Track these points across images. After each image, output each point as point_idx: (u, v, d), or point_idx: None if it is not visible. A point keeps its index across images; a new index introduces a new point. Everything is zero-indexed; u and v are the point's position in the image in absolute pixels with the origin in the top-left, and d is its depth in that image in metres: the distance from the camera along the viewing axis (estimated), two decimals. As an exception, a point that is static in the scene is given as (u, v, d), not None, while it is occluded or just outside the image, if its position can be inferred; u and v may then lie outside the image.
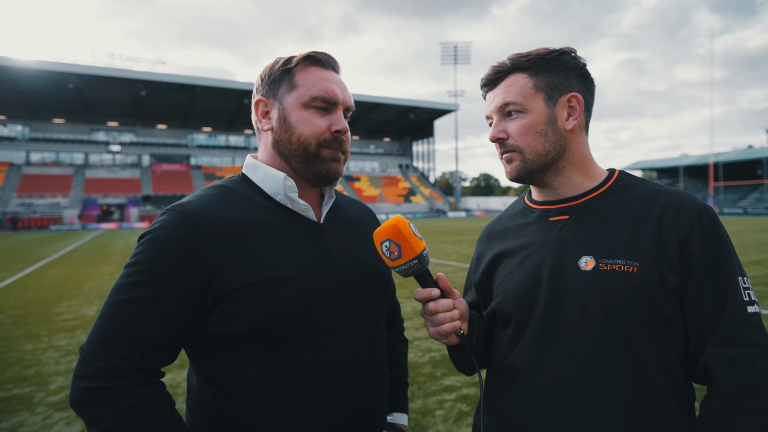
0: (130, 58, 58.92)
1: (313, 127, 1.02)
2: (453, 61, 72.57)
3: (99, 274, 11.42)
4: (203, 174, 60.64)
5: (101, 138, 60.35)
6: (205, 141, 67.08)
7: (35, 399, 3.85)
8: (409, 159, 78.14)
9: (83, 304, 7.70)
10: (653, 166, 72.82)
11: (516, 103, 1.02)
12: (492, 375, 1.11)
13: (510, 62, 1.04)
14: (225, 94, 55.80)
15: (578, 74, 1.04)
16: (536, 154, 1.02)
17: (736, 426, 0.82)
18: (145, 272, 0.89)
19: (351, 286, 1.04)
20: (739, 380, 0.84)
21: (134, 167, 58.04)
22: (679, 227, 0.92)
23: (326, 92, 1.02)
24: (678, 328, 0.92)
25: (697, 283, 0.90)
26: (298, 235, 1.01)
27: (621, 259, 0.92)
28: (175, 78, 51.05)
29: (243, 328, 0.92)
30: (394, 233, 0.94)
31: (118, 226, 43.63)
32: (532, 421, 0.96)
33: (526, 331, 1.01)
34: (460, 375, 4.18)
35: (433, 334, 0.99)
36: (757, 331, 0.87)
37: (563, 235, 1.01)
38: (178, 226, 0.91)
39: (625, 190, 1.02)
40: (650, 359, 0.90)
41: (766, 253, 12.71)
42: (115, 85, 49.66)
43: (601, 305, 0.92)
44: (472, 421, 1.17)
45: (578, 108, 1.03)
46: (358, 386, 1.02)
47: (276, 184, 1.03)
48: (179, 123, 64.81)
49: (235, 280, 0.91)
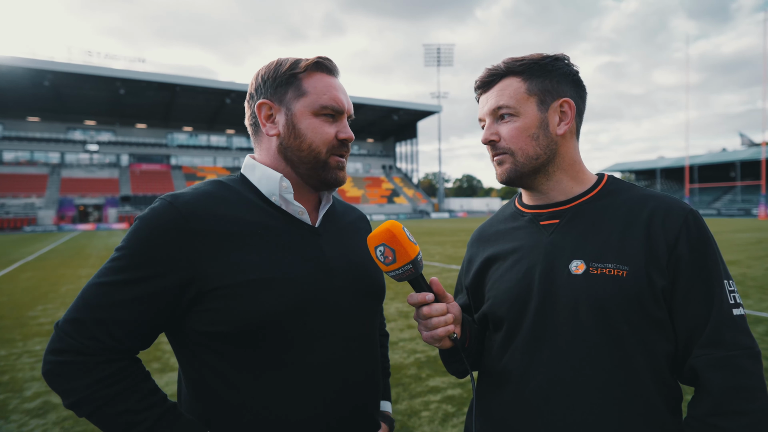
0: (108, 55, 57.74)
1: (323, 135, 1.03)
2: (436, 63, 72.98)
3: (76, 276, 11.13)
4: (184, 174, 59.80)
5: (78, 137, 59.08)
6: (186, 141, 66.18)
7: (10, 406, 3.73)
8: (392, 160, 78.30)
9: (59, 308, 7.50)
10: (631, 168, 74.35)
11: (509, 106, 1.03)
12: (484, 377, 1.12)
13: (504, 66, 1.05)
14: (206, 93, 55.15)
15: (571, 81, 1.05)
16: (527, 157, 1.03)
17: (724, 426, 0.84)
18: (126, 258, 0.89)
19: (345, 291, 1.03)
20: (725, 381, 0.86)
21: (113, 167, 56.97)
22: (667, 231, 0.94)
23: (336, 102, 1.04)
24: (666, 330, 0.94)
25: (684, 286, 0.92)
26: (291, 238, 1.00)
27: (611, 263, 0.94)
28: (154, 76, 50.26)
29: (228, 329, 0.91)
30: (388, 238, 0.93)
31: (96, 227, 42.73)
32: (524, 423, 0.97)
33: (518, 333, 1.02)
34: (445, 376, 4.19)
35: (426, 339, 0.99)
36: (742, 333, 0.90)
37: (554, 239, 1.03)
38: (166, 215, 0.91)
39: (614, 194, 1.04)
40: (640, 361, 0.92)
41: (740, 253, 13.06)
42: (93, 83, 48.67)
43: (592, 308, 0.93)
44: (464, 423, 1.16)
45: (570, 113, 1.04)
46: (351, 389, 1.02)
47: (272, 185, 1.02)
48: (159, 122, 63.81)
49: (219, 278, 0.90)
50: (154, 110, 59.76)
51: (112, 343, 0.87)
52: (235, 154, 67.29)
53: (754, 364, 0.88)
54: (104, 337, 0.87)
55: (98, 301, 0.88)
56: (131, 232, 0.92)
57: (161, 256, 0.89)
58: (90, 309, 0.88)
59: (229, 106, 58.64)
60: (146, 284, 0.89)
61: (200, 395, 0.96)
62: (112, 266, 0.90)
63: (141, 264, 0.89)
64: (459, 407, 3.56)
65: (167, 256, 0.89)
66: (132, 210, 48.66)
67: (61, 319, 0.90)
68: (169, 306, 0.91)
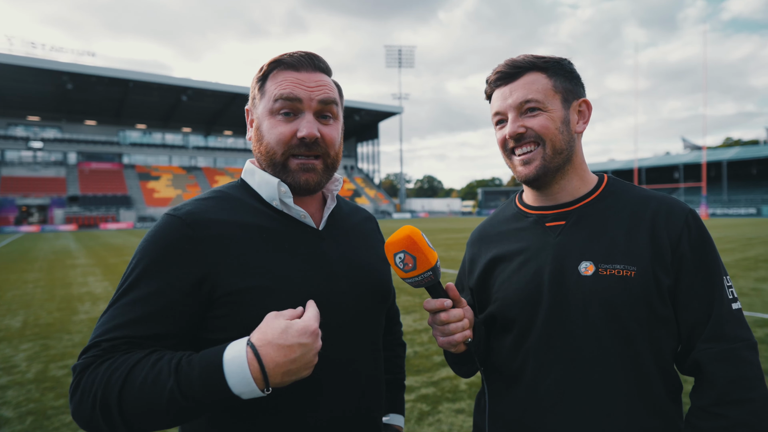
0: (54, 48, 54.73)
1: (276, 135, 0.98)
2: (397, 64, 73.44)
3: (22, 281, 10.50)
4: (137, 173, 57.48)
5: (20, 133, 55.52)
6: (139, 139, 63.54)
7: (-45, 422, 3.47)
8: (353, 160, 78.18)
9: (5, 315, 7.04)
10: (584, 169, 77.11)
11: (539, 101, 1.03)
12: (494, 377, 1.13)
13: (528, 61, 1.05)
14: (161, 89, 53.23)
15: (581, 84, 1.10)
16: (555, 150, 1.04)
17: (729, 415, 0.89)
18: (139, 276, 0.87)
19: (349, 294, 1.02)
20: (728, 372, 0.90)
21: (59, 165, 53.98)
22: (670, 231, 0.98)
23: (283, 89, 0.97)
24: (671, 326, 0.98)
25: (687, 283, 0.97)
26: (294, 241, 0.99)
27: (619, 263, 0.97)
28: (105, 71, 48.02)
29: (234, 335, 0.87)
30: (409, 245, 0.92)
31: (41, 228, 40.40)
32: (539, 421, 0.99)
33: (529, 334, 1.03)
34: (418, 375, 4.22)
35: (442, 344, 1.00)
36: (741, 326, 0.95)
37: (561, 240, 1.04)
38: (172, 227, 0.91)
39: (616, 195, 1.08)
40: (647, 356, 0.96)
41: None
42: (37, 77, 46.00)
43: (602, 308, 0.96)
44: (473, 422, 1.17)
45: (587, 114, 1.09)
46: (355, 392, 1.01)
47: (271, 190, 1.00)
48: (110, 119, 61.04)
49: (227, 284, 0.89)
50: (104, 106, 57.08)
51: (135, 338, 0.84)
52: (191, 153, 65.19)
53: (753, 355, 0.93)
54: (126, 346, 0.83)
55: (117, 321, 0.84)
56: (140, 251, 0.90)
57: (174, 268, 0.88)
58: (108, 331, 0.84)
59: (186, 104, 56.86)
60: (164, 298, 0.86)
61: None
62: (124, 285, 0.88)
63: (156, 278, 0.87)
64: (434, 406, 3.59)
65: (180, 266, 0.88)
66: (81, 211, 46.30)
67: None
68: (190, 318, 0.89)
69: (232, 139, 70.26)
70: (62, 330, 6.13)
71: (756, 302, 6.83)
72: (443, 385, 3.98)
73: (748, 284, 8.27)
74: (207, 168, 64.26)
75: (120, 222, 46.74)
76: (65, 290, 9.21)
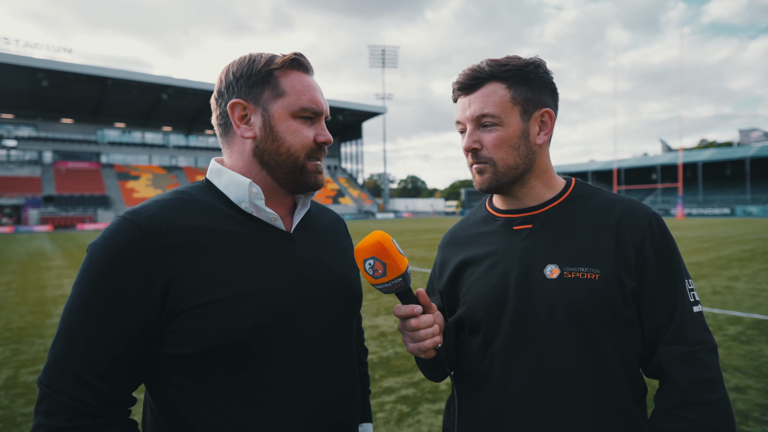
0: (28, 44, 53.06)
1: (302, 139, 0.98)
2: (381, 64, 73.46)
3: (-7, 284, 10.19)
4: (116, 173, 56.37)
5: (-7, 131, 53.96)
6: (118, 138, 62.27)
7: None
8: (337, 160, 77.90)
9: (-25, 319, 6.83)
10: (566, 170, 78.37)
11: (494, 115, 1.02)
12: (463, 381, 1.12)
13: (489, 69, 1.03)
14: (141, 87, 52.20)
15: (549, 89, 1.07)
16: (507, 167, 1.04)
17: (690, 417, 0.90)
18: (96, 290, 0.83)
19: (321, 300, 0.99)
20: (689, 375, 0.92)
21: (34, 164, 52.59)
22: (634, 235, 0.99)
23: (315, 104, 0.99)
24: (635, 328, 0.99)
25: (650, 286, 0.98)
26: (264, 246, 0.95)
27: (584, 266, 0.98)
28: (83, 68, 46.84)
29: (202, 348, 0.85)
30: (379, 251, 0.91)
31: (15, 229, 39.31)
32: (505, 424, 0.99)
33: (496, 337, 1.03)
34: (398, 376, 4.21)
35: (412, 350, 0.99)
36: (702, 329, 0.96)
37: (528, 243, 1.05)
38: (128, 235, 0.85)
39: (583, 199, 1.08)
40: (612, 358, 0.97)
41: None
42: (11, 73, 44.65)
43: (567, 311, 0.97)
44: (443, 425, 1.17)
45: (549, 124, 1.07)
46: (331, 402, 0.98)
47: (241, 191, 0.97)
48: (88, 117, 59.62)
49: (193, 296, 0.85)
50: (82, 104, 55.73)
51: (109, 390, 0.82)
52: (172, 153, 64.18)
53: (713, 358, 0.94)
54: (100, 384, 0.81)
55: (83, 346, 0.81)
56: (93, 260, 0.84)
57: (132, 281, 0.83)
58: (76, 357, 0.81)
59: (166, 102, 55.92)
60: (126, 315, 0.83)
61: (170, 419, 0.90)
62: (79, 303, 0.83)
63: (114, 294, 0.82)
64: (413, 407, 3.59)
65: (138, 279, 0.83)
66: (57, 211, 45.17)
67: (42, 374, 0.82)
68: (154, 332, 0.86)
69: (214, 138, 69.24)
70: (34, 334, 5.97)
71: (729, 300, 7.00)
72: (423, 386, 3.98)
73: (722, 282, 8.47)
74: (188, 168, 63.35)
75: (98, 222, 45.69)
76: (39, 293, 8.97)
